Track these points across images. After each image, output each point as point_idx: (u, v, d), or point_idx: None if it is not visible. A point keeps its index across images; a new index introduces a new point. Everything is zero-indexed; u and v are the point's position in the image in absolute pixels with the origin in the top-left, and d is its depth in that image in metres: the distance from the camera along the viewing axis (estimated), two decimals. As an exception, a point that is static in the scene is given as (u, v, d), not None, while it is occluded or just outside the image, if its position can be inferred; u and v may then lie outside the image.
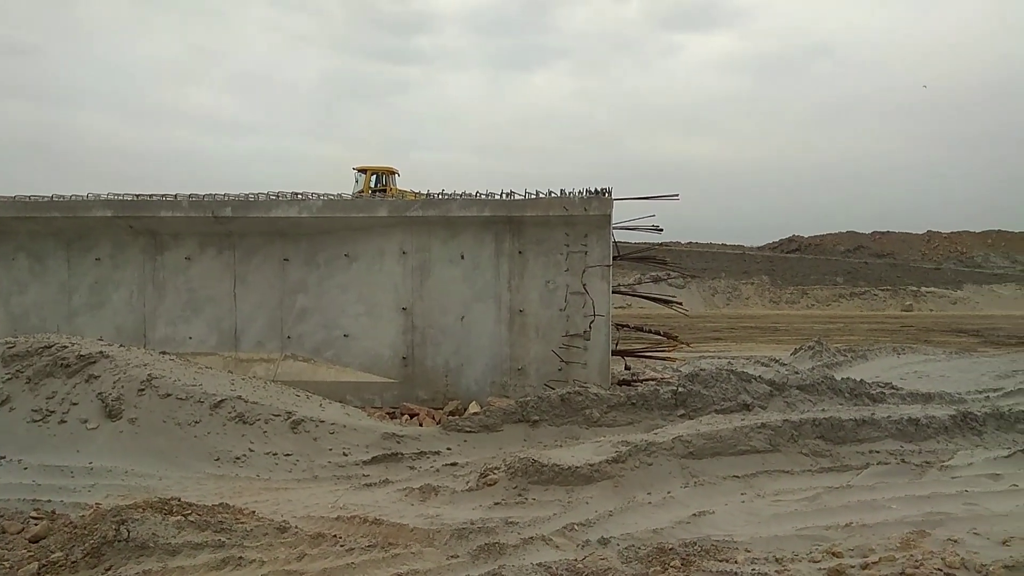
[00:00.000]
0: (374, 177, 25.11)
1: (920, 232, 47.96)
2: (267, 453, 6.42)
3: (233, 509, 4.89)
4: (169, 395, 6.71)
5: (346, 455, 6.51)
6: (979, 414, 7.32)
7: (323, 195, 9.51)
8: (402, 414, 8.69)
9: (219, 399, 6.78)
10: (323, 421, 6.90)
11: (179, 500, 4.91)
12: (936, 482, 5.41)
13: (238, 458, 6.30)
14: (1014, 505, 4.77)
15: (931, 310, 33.29)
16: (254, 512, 4.91)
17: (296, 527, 4.60)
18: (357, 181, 25.16)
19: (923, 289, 36.15)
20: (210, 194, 9.60)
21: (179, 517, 4.55)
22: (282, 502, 5.36)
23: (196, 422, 6.56)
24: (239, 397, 6.90)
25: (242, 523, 4.60)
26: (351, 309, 9.44)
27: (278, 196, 9.51)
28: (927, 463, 5.97)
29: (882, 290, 35.90)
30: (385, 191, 23.74)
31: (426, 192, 9.73)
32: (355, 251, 9.44)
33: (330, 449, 6.57)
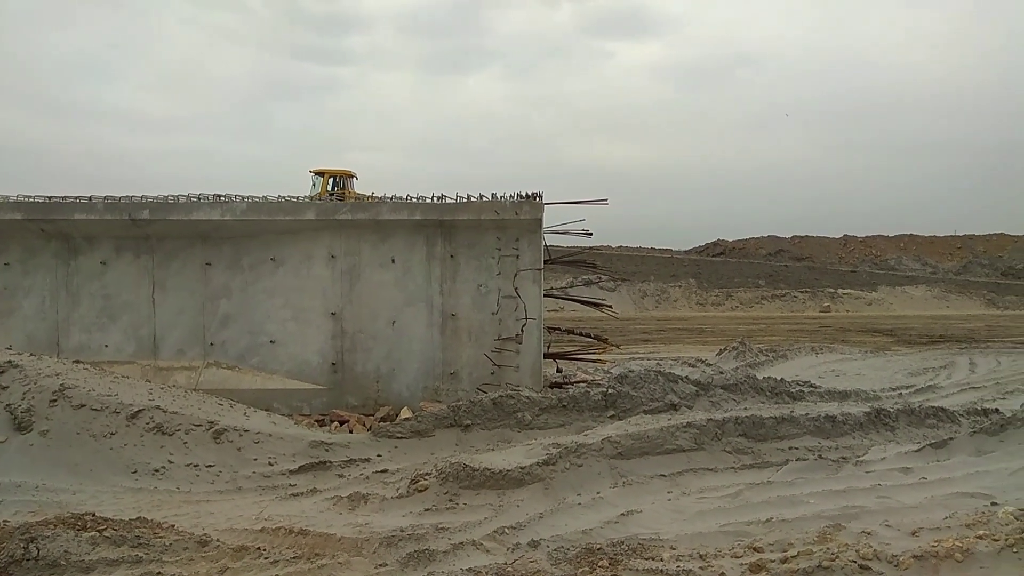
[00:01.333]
0: (331, 180, 24.75)
1: (837, 236, 50.13)
2: (188, 465, 6.20)
3: (151, 523, 4.72)
4: (83, 406, 6.41)
5: (272, 465, 6.35)
6: (892, 410, 7.67)
7: (247, 197, 9.27)
8: (331, 421, 8.54)
9: (136, 409, 6.51)
10: (247, 430, 6.71)
11: (93, 515, 4.70)
12: (851, 477, 5.63)
13: (157, 470, 6.07)
14: (923, 497, 5.00)
15: (847, 311, 34.73)
16: (174, 526, 4.74)
17: (218, 540, 4.46)
18: (314, 184, 24.77)
19: (840, 291, 37.69)
20: (127, 196, 9.23)
21: (94, 533, 4.36)
22: (203, 515, 5.19)
23: (112, 434, 6.29)
24: (158, 407, 6.65)
25: (161, 537, 4.44)
26: (277, 314, 9.22)
27: (199, 198, 9.22)
28: (843, 458, 6.21)
29: (801, 292, 37.27)
30: (343, 195, 23.35)
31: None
32: (281, 255, 9.23)
33: (255, 459, 6.40)
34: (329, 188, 24.25)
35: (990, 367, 14.59)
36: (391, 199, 9.30)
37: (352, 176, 25.14)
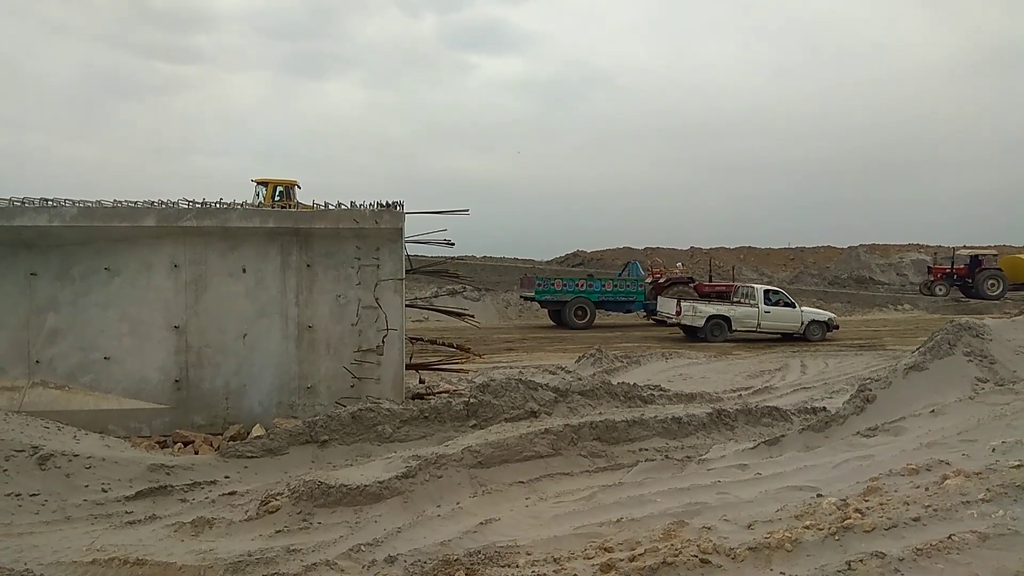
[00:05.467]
0: (275, 190, 24.23)
1: (685, 248, 53.03)
2: (8, 494, 5.61)
3: (-39, 563, 4.23)
4: None
5: (105, 491, 5.87)
6: (732, 411, 8.18)
7: (79, 202, 8.55)
8: (175, 442, 8.01)
9: (-55, 436, 5.84)
10: (77, 455, 6.17)
11: None
12: (694, 475, 5.94)
13: (-30, 503, 5.46)
14: (758, 492, 5.34)
15: (696, 318, 36.71)
16: (-12, 564, 4.29)
17: (42, 575, 4.07)
18: (258, 194, 24.23)
19: (689, 299, 39.89)
20: (-64, 199, 8.28)
21: None
22: (26, 548, 4.72)
23: (-85, 464, 5.60)
24: (-29, 433, 5.99)
25: (-28, 578, 3.99)
26: (113, 329, 8.53)
27: (23, 202, 8.41)
28: (688, 457, 6.54)
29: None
30: (288, 205, 22.75)
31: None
32: (117, 264, 8.56)
33: (86, 486, 5.89)
34: (274, 197, 23.86)
35: (819, 368, 15.95)
36: (242, 204, 8.89)
37: (296, 186, 24.85)
